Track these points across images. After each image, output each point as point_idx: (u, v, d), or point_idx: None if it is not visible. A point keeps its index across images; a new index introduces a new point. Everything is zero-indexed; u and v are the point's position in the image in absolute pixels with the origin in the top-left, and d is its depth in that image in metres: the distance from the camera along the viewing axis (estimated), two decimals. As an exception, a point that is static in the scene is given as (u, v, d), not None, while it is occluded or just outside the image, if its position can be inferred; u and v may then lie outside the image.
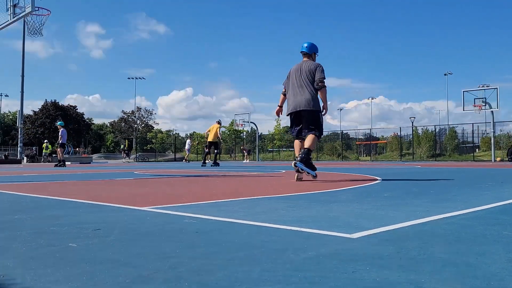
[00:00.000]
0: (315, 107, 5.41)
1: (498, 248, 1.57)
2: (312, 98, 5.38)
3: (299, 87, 5.44)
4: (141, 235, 1.87)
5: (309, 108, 5.38)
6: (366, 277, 1.21)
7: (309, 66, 5.44)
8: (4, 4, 7.43)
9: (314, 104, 5.40)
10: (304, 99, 5.39)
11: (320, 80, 5.35)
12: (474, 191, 4.13)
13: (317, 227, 2.00)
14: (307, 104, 5.38)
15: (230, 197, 3.51)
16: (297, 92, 5.44)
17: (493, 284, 1.14)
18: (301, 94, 5.41)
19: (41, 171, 11.23)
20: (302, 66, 5.49)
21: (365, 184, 5.07)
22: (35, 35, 11.57)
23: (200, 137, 48.03)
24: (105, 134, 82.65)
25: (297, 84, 5.46)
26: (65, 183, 5.75)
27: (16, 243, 1.72)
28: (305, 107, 5.39)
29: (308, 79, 5.39)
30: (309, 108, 5.38)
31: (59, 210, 2.76)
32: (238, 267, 1.32)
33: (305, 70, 5.43)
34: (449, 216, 2.36)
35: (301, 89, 5.42)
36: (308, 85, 5.39)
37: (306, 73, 5.41)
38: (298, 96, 5.43)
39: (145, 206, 2.83)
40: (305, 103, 5.39)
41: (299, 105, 5.42)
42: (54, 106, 61.57)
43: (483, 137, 34.37)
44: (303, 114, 5.45)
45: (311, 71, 5.40)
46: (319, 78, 5.35)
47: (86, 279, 1.20)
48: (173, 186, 4.99)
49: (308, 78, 5.39)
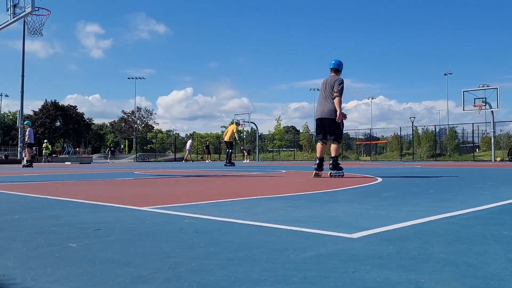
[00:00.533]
0: (335, 116, 6.33)
1: (498, 248, 1.57)
2: (333, 108, 6.33)
3: (324, 98, 6.46)
4: (141, 235, 1.87)
5: (331, 117, 6.35)
6: (366, 277, 1.21)
7: (331, 81, 6.42)
8: (4, 4, 7.43)
9: (335, 114, 6.33)
10: (327, 109, 6.38)
11: (335, 91, 6.31)
12: (474, 191, 4.13)
13: (317, 227, 2.00)
14: (329, 113, 6.36)
15: (230, 197, 3.51)
16: (322, 103, 6.47)
17: (493, 284, 1.14)
18: (325, 105, 6.41)
19: (41, 171, 11.23)
20: (328, 81, 6.50)
21: (365, 184, 5.07)
22: (35, 35, 11.56)
23: (200, 137, 48.04)
24: (105, 134, 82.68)
25: (323, 95, 6.49)
26: (65, 183, 5.76)
27: (16, 243, 1.72)
28: (327, 116, 6.38)
29: (330, 92, 6.38)
30: (331, 117, 6.35)
31: (59, 210, 2.76)
32: (238, 267, 1.32)
33: (329, 84, 6.44)
34: (449, 216, 2.36)
35: (325, 100, 6.43)
36: (330, 97, 6.38)
37: (330, 87, 6.40)
38: (322, 106, 6.45)
39: (145, 206, 2.83)
40: (327, 112, 6.37)
41: (323, 114, 6.42)
42: (54, 106, 61.60)
43: (483, 137, 34.36)
44: (326, 121, 6.42)
45: (332, 85, 6.38)
46: (334, 90, 6.33)
47: (86, 279, 1.20)
48: (173, 186, 4.99)
49: (330, 91, 6.39)
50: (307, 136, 43.88)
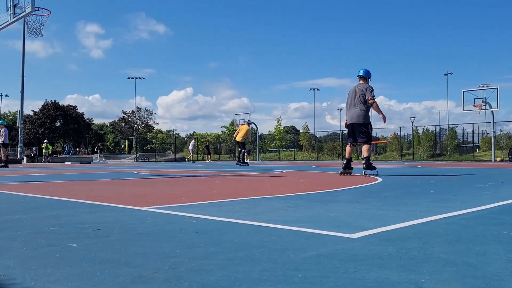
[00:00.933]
0: (364, 121, 6.87)
1: (498, 248, 1.57)
2: (362, 114, 6.84)
3: (353, 105, 6.94)
4: (141, 235, 1.87)
5: (359, 121, 6.88)
6: (366, 277, 1.21)
7: (362, 89, 6.88)
8: (4, 4, 7.43)
9: (363, 118, 6.85)
10: (356, 115, 6.88)
11: (369, 99, 6.80)
12: (474, 191, 4.13)
13: (317, 227, 2.00)
14: (357, 119, 6.88)
15: (230, 197, 3.51)
16: (351, 109, 6.96)
17: (493, 284, 1.14)
18: (354, 111, 6.90)
19: (41, 171, 11.23)
20: (357, 88, 6.97)
21: (365, 184, 5.07)
22: (35, 35, 11.57)
23: (200, 137, 48.05)
24: (105, 134, 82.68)
25: (352, 102, 6.96)
26: (65, 183, 5.76)
27: (16, 243, 1.72)
28: (356, 121, 6.90)
29: (360, 99, 6.85)
30: (359, 121, 6.88)
31: (59, 210, 2.76)
32: (238, 267, 1.32)
33: (358, 91, 6.89)
34: (449, 216, 2.36)
35: (354, 107, 6.92)
36: (359, 104, 6.85)
37: (359, 94, 6.86)
38: (352, 112, 6.95)
39: (145, 206, 2.83)
40: (356, 118, 6.89)
41: (352, 119, 6.94)
42: (54, 106, 61.55)
43: (483, 137, 34.33)
44: (355, 126, 6.95)
45: (363, 93, 6.83)
46: (368, 97, 6.80)
47: (86, 279, 1.20)
48: (173, 186, 4.99)
49: (360, 98, 6.85)
50: (307, 136, 43.88)
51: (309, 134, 44.68)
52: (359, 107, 6.84)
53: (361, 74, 7.09)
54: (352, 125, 6.97)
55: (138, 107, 71.83)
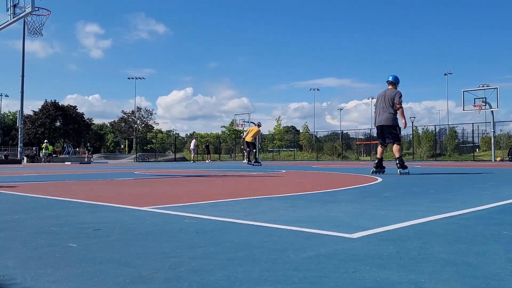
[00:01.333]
0: (393, 123, 7.50)
1: (498, 248, 1.57)
2: (390, 117, 7.46)
3: (382, 109, 7.55)
4: (141, 235, 1.87)
5: (388, 124, 7.49)
6: (366, 277, 1.21)
7: (391, 94, 7.50)
8: (4, 4, 7.42)
9: (392, 121, 7.48)
10: (385, 118, 7.49)
11: (397, 104, 7.41)
12: (474, 191, 4.13)
13: (317, 227, 2.00)
14: (387, 121, 7.48)
15: (230, 197, 3.51)
16: (381, 112, 7.57)
17: (493, 284, 1.14)
18: (383, 114, 7.50)
19: (41, 171, 11.23)
20: (386, 93, 7.58)
21: (365, 184, 5.07)
22: (35, 35, 11.57)
23: (200, 137, 48.03)
24: (105, 134, 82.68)
25: (382, 106, 7.58)
26: (65, 183, 5.75)
27: (16, 243, 1.72)
28: (385, 123, 7.50)
29: (389, 103, 7.47)
30: (388, 124, 7.49)
31: (59, 210, 2.76)
32: (238, 267, 1.32)
33: (388, 96, 7.52)
34: (449, 216, 2.36)
35: (383, 110, 7.52)
36: (388, 108, 7.47)
37: (388, 99, 7.49)
38: (381, 115, 7.56)
39: (145, 206, 2.83)
40: (385, 120, 7.49)
41: (382, 121, 7.54)
42: (54, 106, 61.54)
43: (483, 137, 34.31)
44: (384, 128, 7.55)
45: (392, 98, 7.45)
46: (396, 102, 7.42)
47: (86, 279, 1.20)
48: (173, 186, 4.99)
49: (389, 102, 7.47)
50: (307, 136, 43.86)
51: (309, 134, 44.66)
52: (388, 111, 7.46)
53: (390, 80, 7.69)
54: (382, 127, 7.57)
55: (138, 107, 71.86)
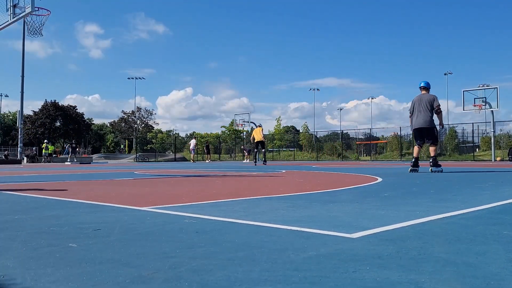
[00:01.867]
0: (431, 125, 8.17)
1: (498, 248, 1.57)
2: (429, 120, 8.14)
3: (420, 112, 8.18)
4: (141, 235, 1.87)
5: (427, 126, 8.15)
6: (366, 277, 1.21)
7: (428, 98, 8.20)
8: (4, 4, 7.42)
9: (430, 123, 8.15)
10: (423, 120, 8.14)
11: (437, 107, 8.14)
12: (474, 191, 4.13)
13: (317, 227, 2.00)
14: (425, 124, 8.13)
15: (230, 197, 3.51)
16: (419, 116, 8.20)
17: (493, 284, 1.14)
18: (422, 117, 8.15)
19: (41, 171, 11.23)
20: (422, 97, 8.26)
21: (365, 184, 5.07)
22: (35, 35, 11.57)
23: (200, 137, 48.01)
24: (105, 134, 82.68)
25: (419, 109, 8.20)
26: (65, 183, 5.75)
27: (16, 243, 1.72)
28: (424, 125, 8.15)
29: (427, 107, 8.13)
30: (427, 126, 8.15)
31: (59, 210, 2.76)
32: (238, 267, 1.32)
33: (425, 100, 8.19)
34: (449, 216, 2.36)
35: (421, 113, 8.17)
36: (426, 111, 8.13)
37: (426, 102, 8.16)
38: (420, 118, 8.19)
39: (145, 206, 2.83)
40: (423, 123, 8.14)
41: (420, 124, 8.18)
42: (54, 106, 61.55)
43: (483, 136, 34.30)
44: (423, 130, 8.22)
45: (430, 101, 8.16)
46: (437, 106, 8.14)
47: (86, 279, 1.20)
48: (173, 186, 4.99)
49: (427, 106, 8.14)
50: (307, 136, 43.86)
51: (309, 134, 44.67)
52: (426, 114, 8.11)
53: (423, 85, 8.43)
54: (420, 129, 8.21)
55: (138, 107, 71.93)
